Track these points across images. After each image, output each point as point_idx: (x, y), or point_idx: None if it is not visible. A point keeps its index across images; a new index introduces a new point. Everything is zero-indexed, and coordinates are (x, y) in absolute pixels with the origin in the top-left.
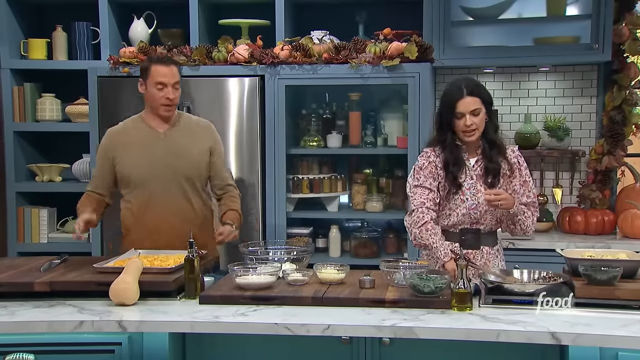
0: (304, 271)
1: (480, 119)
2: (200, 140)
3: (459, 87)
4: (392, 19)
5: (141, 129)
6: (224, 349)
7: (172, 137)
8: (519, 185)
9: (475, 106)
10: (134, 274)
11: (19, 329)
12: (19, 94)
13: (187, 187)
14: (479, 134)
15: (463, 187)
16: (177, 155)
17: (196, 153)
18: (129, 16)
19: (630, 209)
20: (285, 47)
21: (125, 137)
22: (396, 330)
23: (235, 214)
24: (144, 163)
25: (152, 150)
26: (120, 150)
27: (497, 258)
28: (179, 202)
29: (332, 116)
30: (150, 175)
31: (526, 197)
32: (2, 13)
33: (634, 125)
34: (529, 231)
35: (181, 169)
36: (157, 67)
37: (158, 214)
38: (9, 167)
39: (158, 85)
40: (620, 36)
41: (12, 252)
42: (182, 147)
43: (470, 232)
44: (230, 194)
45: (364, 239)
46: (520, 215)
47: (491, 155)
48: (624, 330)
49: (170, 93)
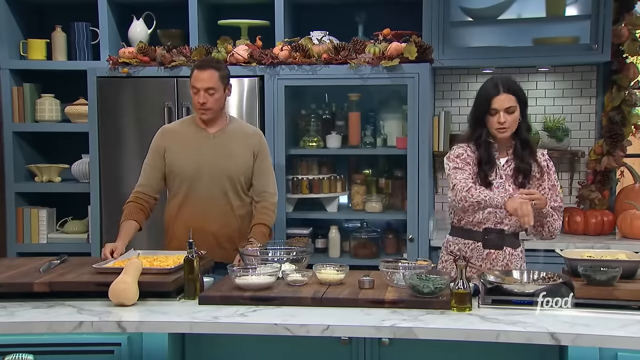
0: (303, 272)
1: (514, 118)
2: (247, 144)
3: (496, 84)
4: (392, 20)
5: (193, 128)
6: (224, 349)
7: (220, 139)
8: (548, 188)
9: (510, 104)
10: (134, 274)
11: (19, 329)
12: (19, 95)
13: (228, 188)
14: (510, 132)
15: (492, 186)
16: (223, 157)
17: (241, 156)
18: (128, 16)
19: (629, 209)
20: (284, 47)
21: (178, 135)
22: (395, 330)
23: (261, 229)
24: (190, 160)
25: (200, 149)
26: (171, 146)
27: (520, 260)
28: (219, 203)
29: (331, 117)
30: (195, 173)
31: (554, 201)
32: (2, 13)
33: (633, 125)
34: (556, 234)
35: (225, 170)
36: (195, 72)
37: (197, 212)
38: (8, 167)
39: (193, 89)
40: (620, 37)
41: (12, 253)
42: (229, 149)
43: (494, 232)
44: (264, 203)
45: (364, 239)
46: (549, 217)
47: (523, 155)
48: (623, 330)
49: (202, 98)
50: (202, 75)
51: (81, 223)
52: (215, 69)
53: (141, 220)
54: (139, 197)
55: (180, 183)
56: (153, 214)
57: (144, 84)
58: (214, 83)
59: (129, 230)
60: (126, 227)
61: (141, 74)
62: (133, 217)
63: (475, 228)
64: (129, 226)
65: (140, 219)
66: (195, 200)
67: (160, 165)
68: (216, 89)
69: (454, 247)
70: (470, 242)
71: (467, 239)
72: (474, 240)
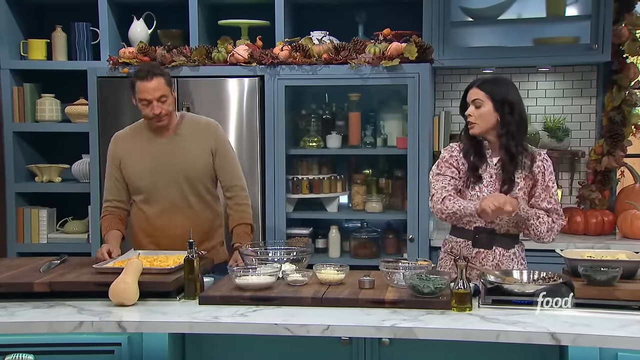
0: (303, 272)
1: (480, 113)
2: (202, 142)
3: (475, 80)
4: (392, 20)
5: (144, 135)
6: (224, 349)
7: (174, 142)
8: (540, 189)
9: (477, 97)
10: (134, 274)
11: (19, 329)
12: (19, 95)
13: (189, 192)
14: (479, 129)
15: (482, 182)
16: (179, 160)
17: (198, 156)
18: (128, 16)
19: (629, 209)
20: (284, 47)
21: (130, 144)
22: (396, 330)
23: (243, 229)
24: (147, 170)
25: (155, 156)
26: (125, 157)
27: (512, 261)
28: (181, 208)
29: (331, 116)
30: (153, 182)
31: (547, 203)
32: (2, 13)
33: (633, 125)
34: (545, 238)
35: (182, 173)
36: (139, 83)
37: (161, 219)
38: (8, 167)
39: (143, 102)
40: (620, 37)
41: (12, 253)
42: (185, 151)
43: (484, 232)
44: (237, 200)
45: (364, 239)
46: (532, 219)
47: (504, 162)
48: (624, 330)
49: (155, 108)
50: (150, 85)
51: (81, 223)
52: (160, 75)
53: (122, 230)
54: (113, 211)
55: (139, 193)
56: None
57: None
58: (163, 90)
59: (116, 237)
60: (112, 235)
61: None
62: (114, 227)
63: (467, 227)
64: (114, 234)
65: (121, 229)
66: (157, 209)
67: (119, 176)
68: (167, 95)
69: (449, 245)
70: (461, 241)
71: (460, 238)
72: (465, 238)
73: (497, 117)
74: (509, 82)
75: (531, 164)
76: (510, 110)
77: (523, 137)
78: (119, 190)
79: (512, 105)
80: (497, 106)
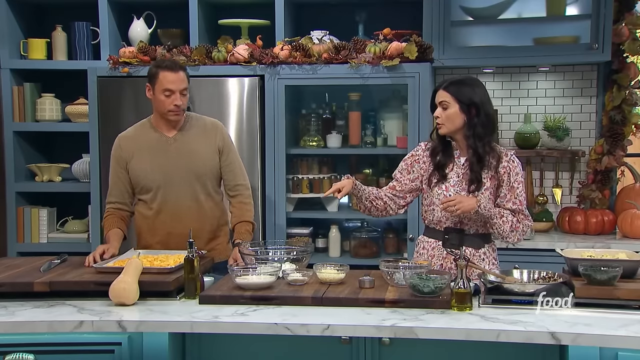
0: (303, 271)
1: (448, 115)
2: (209, 141)
3: (442, 81)
4: (392, 19)
5: (150, 134)
6: (224, 349)
7: (181, 141)
8: (505, 190)
9: (443, 99)
10: (134, 274)
11: (19, 329)
12: (19, 94)
13: (200, 191)
14: (447, 130)
15: (448, 183)
16: (187, 159)
17: (205, 154)
18: (128, 16)
19: (630, 209)
20: (285, 47)
21: (136, 143)
22: (396, 330)
23: (245, 227)
24: (155, 169)
25: (162, 155)
26: (132, 157)
27: (483, 261)
28: (192, 207)
29: (331, 116)
30: (162, 181)
31: (512, 204)
32: (2, 13)
33: (633, 125)
34: (509, 237)
35: (192, 171)
36: (165, 73)
37: (171, 219)
38: (8, 167)
39: (166, 92)
40: (620, 36)
41: (12, 252)
42: (192, 150)
43: (454, 232)
44: (241, 198)
45: (364, 239)
46: (495, 219)
47: (471, 162)
48: (624, 330)
49: (178, 100)
50: (178, 77)
51: (81, 223)
52: (184, 70)
53: (124, 229)
54: (115, 212)
55: (149, 193)
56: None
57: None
58: (186, 84)
59: (118, 235)
60: (113, 233)
61: (141, 74)
62: (116, 226)
63: (437, 227)
64: (115, 232)
65: (123, 228)
66: (167, 209)
67: (124, 177)
68: (187, 90)
69: (421, 245)
70: (432, 241)
71: (431, 238)
72: (436, 239)
73: (464, 118)
74: (475, 82)
75: (497, 165)
76: (477, 112)
77: (490, 138)
78: (121, 192)
79: (477, 107)
80: (463, 107)
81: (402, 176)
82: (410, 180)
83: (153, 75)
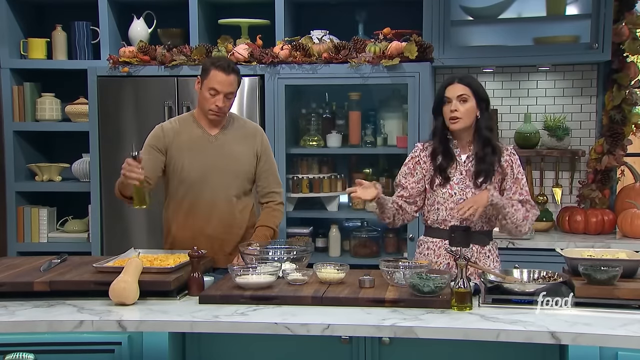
0: (303, 271)
1: (466, 108)
2: (248, 144)
3: (453, 76)
4: (392, 19)
5: (193, 129)
6: (224, 348)
7: (222, 141)
8: (510, 182)
9: (463, 92)
10: (134, 273)
11: (19, 328)
12: (19, 94)
13: (233, 193)
14: (463, 124)
15: (452, 181)
16: (226, 159)
17: (244, 157)
18: (128, 16)
19: (630, 208)
20: (285, 46)
21: (178, 136)
22: (396, 329)
23: (264, 231)
24: (194, 166)
25: (203, 153)
26: (173, 147)
27: (488, 258)
28: (223, 207)
29: (331, 116)
30: (201, 178)
31: (519, 195)
32: (2, 13)
33: (633, 124)
34: (523, 227)
35: (229, 172)
36: (216, 72)
37: (202, 217)
38: (8, 166)
39: (211, 91)
40: (620, 36)
41: (12, 252)
42: (232, 151)
43: (460, 230)
44: (273, 204)
45: (364, 238)
46: (508, 208)
47: (484, 154)
48: (624, 329)
49: (221, 101)
50: (228, 79)
51: (81, 222)
52: (237, 74)
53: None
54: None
55: (184, 187)
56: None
57: (144, 83)
58: (233, 88)
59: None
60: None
61: (141, 73)
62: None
63: (441, 226)
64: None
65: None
66: (200, 206)
67: (160, 160)
68: (233, 94)
69: (424, 246)
70: (437, 241)
71: (436, 238)
72: (442, 238)
73: (477, 113)
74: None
75: (499, 159)
76: (486, 106)
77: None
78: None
79: (487, 102)
80: (479, 102)
81: (406, 181)
82: (416, 182)
83: (205, 70)
